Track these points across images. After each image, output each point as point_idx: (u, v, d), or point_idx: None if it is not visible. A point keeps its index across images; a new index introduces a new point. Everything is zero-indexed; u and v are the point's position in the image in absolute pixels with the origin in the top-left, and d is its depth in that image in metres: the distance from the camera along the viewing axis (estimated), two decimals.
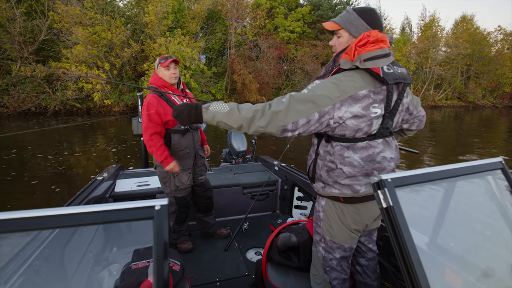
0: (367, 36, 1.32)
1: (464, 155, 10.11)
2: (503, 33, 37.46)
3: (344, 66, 1.36)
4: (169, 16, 22.36)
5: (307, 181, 3.21)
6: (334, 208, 1.53)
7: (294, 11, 28.86)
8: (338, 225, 1.53)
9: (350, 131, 1.37)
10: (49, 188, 6.34)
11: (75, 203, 2.43)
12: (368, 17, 1.42)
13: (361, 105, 1.32)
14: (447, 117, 24.76)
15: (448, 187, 1.16)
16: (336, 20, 1.48)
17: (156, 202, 0.82)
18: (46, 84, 19.04)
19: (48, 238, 1.60)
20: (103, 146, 10.51)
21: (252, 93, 24.16)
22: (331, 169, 1.46)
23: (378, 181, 0.90)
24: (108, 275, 1.87)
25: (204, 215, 3.14)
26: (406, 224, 0.86)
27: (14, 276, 1.29)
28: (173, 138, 2.66)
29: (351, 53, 1.33)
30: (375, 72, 1.31)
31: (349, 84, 1.31)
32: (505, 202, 1.15)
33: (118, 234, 2.56)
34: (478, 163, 1.08)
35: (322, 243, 1.63)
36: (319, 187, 1.55)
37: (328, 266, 1.63)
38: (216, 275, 2.57)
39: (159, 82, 2.63)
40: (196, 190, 3.04)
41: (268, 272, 2.03)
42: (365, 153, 1.41)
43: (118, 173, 3.73)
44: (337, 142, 1.43)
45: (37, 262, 1.46)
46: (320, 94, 1.31)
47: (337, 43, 1.50)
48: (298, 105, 1.31)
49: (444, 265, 1.06)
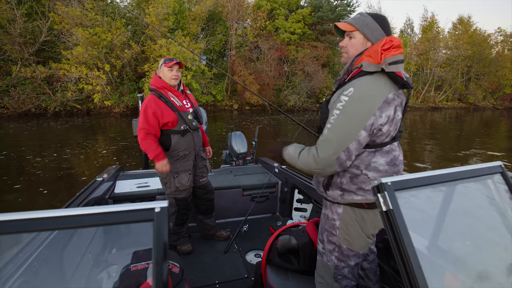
0: (391, 41, 1.33)
1: (465, 156, 10.11)
2: (503, 34, 37.53)
3: (367, 69, 1.35)
4: (170, 17, 22.38)
5: (307, 184, 3.20)
6: (354, 215, 1.49)
7: (295, 12, 28.90)
8: (357, 232, 1.50)
9: (383, 137, 1.39)
10: (49, 188, 6.33)
11: (75, 203, 2.43)
12: (383, 22, 1.44)
13: (392, 108, 1.35)
14: (448, 118, 24.76)
15: (448, 190, 1.16)
16: (351, 22, 1.47)
17: (156, 204, 0.82)
18: (46, 85, 19.08)
19: (47, 239, 1.59)
20: (103, 147, 10.50)
21: (253, 94, 24.16)
22: (355, 175, 1.43)
23: (378, 184, 0.90)
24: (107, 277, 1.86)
25: (205, 217, 3.13)
26: (406, 228, 0.87)
27: (13, 277, 1.29)
28: (173, 139, 2.66)
29: (377, 56, 1.32)
30: (399, 76, 1.34)
31: (379, 90, 1.33)
32: (504, 206, 1.15)
33: (117, 236, 2.55)
34: (477, 167, 1.08)
35: (336, 252, 1.57)
36: (336, 195, 1.50)
37: (340, 275, 1.59)
38: (215, 277, 2.56)
39: (158, 83, 2.63)
40: (197, 192, 3.02)
41: (268, 274, 2.02)
42: (389, 157, 1.43)
43: (118, 174, 3.73)
44: (363, 149, 1.42)
45: (36, 263, 1.46)
46: (357, 111, 1.32)
47: (349, 44, 1.49)
48: (341, 131, 1.34)
49: (443, 268, 1.06)
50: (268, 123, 18.28)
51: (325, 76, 27.27)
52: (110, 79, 20.77)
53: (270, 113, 24.63)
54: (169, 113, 2.59)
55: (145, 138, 2.54)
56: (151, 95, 2.61)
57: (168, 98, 2.62)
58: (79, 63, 18.82)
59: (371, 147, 1.41)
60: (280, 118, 21.00)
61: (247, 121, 18.89)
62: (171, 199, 2.83)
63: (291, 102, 26.22)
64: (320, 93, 27.88)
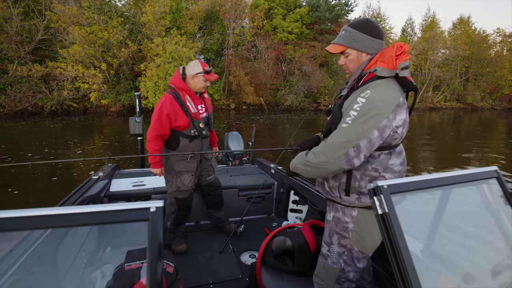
0: (401, 47, 1.39)
1: (462, 157, 10.14)
2: (501, 35, 37.67)
3: (382, 74, 1.39)
4: (167, 16, 22.31)
5: (303, 185, 3.19)
6: (370, 217, 1.51)
7: (293, 12, 28.88)
8: (370, 234, 1.53)
9: (398, 139, 1.44)
10: (44, 186, 6.31)
11: (70, 201, 2.41)
12: (368, 29, 1.47)
13: (404, 111, 1.41)
14: (446, 119, 24.84)
15: (443, 194, 1.16)
16: (338, 42, 1.52)
17: (151, 204, 0.82)
18: (42, 84, 18.99)
19: (40, 237, 1.59)
20: (100, 146, 10.47)
21: (248, 94, 24.17)
22: (374, 178, 1.47)
23: (374, 187, 0.90)
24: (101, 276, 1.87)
25: (215, 211, 3.24)
26: (401, 231, 0.87)
27: (5, 275, 1.28)
28: (181, 142, 2.72)
29: (391, 61, 1.37)
30: (409, 81, 1.40)
31: (392, 93, 1.38)
32: (499, 210, 1.16)
33: (112, 234, 2.55)
34: (473, 172, 1.09)
35: (344, 256, 1.59)
36: (353, 200, 1.52)
37: (344, 278, 1.61)
38: (210, 277, 2.55)
39: (179, 84, 2.65)
40: (205, 189, 3.13)
41: (262, 275, 2.01)
42: (401, 158, 1.50)
43: (113, 173, 3.71)
44: (379, 151, 1.45)
45: (29, 261, 1.45)
46: (371, 112, 1.34)
47: (347, 61, 1.54)
48: (354, 129, 1.36)
49: (438, 272, 1.06)
50: (265, 122, 18.27)
51: (323, 76, 27.24)
52: (107, 78, 20.69)
53: (267, 112, 24.64)
54: (182, 117, 2.63)
55: (152, 140, 2.60)
56: (169, 94, 2.63)
57: (184, 102, 2.64)
58: (76, 62, 18.70)
59: (386, 149, 1.45)
60: (277, 118, 21.02)
61: (244, 120, 18.87)
62: (171, 198, 2.86)
63: (288, 101, 26.23)
64: (317, 92, 27.89)
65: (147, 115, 19.40)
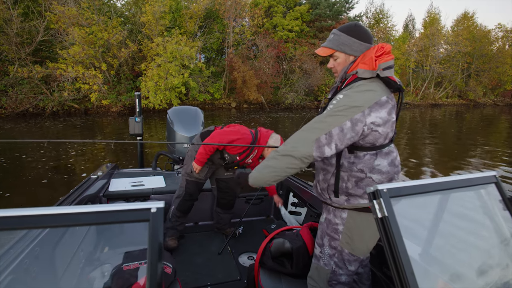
0: (382, 48, 1.42)
1: (464, 156, 10.10)
2: (503, 30, 37.50)
3: (363, 75, 1.42)
4: (167, 15, 22.31)
5: (302, 187, 3.17)
6: (360, 219, 1.51)
7: (293, 9, 28.84)
8: (360, 237, 1.53)
9: (382, 139, 1.44)
10: (44, 185, 6.32)
11: (69, 201, 2.39)
12: (357, 33, 1.50)
13: (385, 110, 1.40)
14: (448, 115, 24.77)
15: (442, 199, 1.17)
16: (328, 45, 1.56)
17: (152, 205, 0.82)
18: (43, 85, 19.04)
19: (39, 236, 1.59)
20: (100, 146, 10.48)
21: (252, 91, 24.11)
22: (360, 179, 1.46)
23: (374, 191, 0.90)
24: (99, 276, 1.89)
25: (222, 211, 3.23)
26: (400, 235, 0.87)
27: (2, 274, 1.28)
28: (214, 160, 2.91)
29: (371, 63, 1.40)
30: (393, 80, 1.43)
31: (372, 92, 1.39)
32: (498, 215, 1.16)
33: (110, 234, 2.55)
34: (472, 176, 1.09)
35: (335, 258, 1.59)
36: (342, 201, 1.52)
37: (336, 280, 1.60)
38: (208, 279, 2.54)
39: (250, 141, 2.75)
40: (220, 185, 3.16)
41: (261, 277, 2.01)
42: (390, 158, 1.48)
43: (112, 172, 3.69)
44: (364, 152, 1.45)
45: (26, 260, 1.45)
46: (347, 104, 1.36)
47: (335, 64, 1.58)
48: (327, 118, 1.37)
49: (436, 276, 1.07)
50: (266, 121, 18.26)
51: (323, 74, 27.21)
52: (107, 78, 20.75)
53: (268, 111, 24.62)
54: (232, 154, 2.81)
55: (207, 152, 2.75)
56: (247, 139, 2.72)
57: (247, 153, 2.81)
58: (76, 63, 18.74)
59: (371, 149, 1.44)
60: (278, 116, 21.01)
61: (244, 119, 18.87)
62: (183, 180, 2.96)
63: (289, 100, 26.21)
64: (318, 90, 27.86)
65: (147, 115, 19.48)
